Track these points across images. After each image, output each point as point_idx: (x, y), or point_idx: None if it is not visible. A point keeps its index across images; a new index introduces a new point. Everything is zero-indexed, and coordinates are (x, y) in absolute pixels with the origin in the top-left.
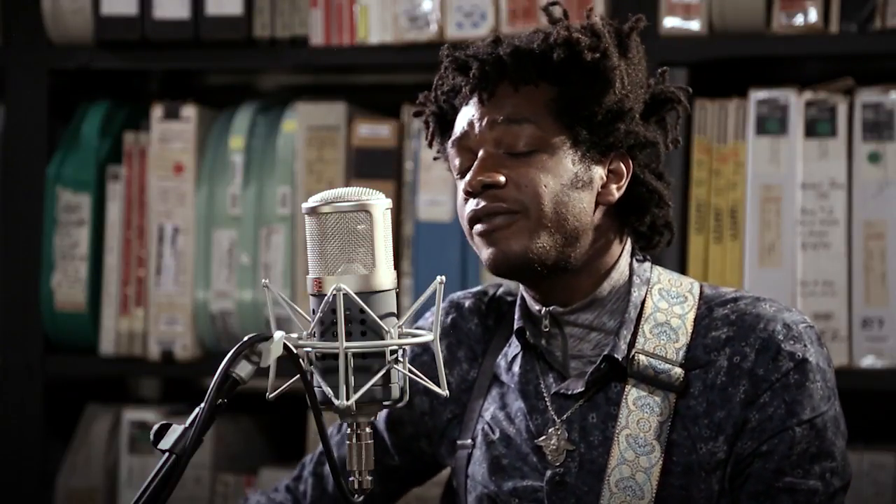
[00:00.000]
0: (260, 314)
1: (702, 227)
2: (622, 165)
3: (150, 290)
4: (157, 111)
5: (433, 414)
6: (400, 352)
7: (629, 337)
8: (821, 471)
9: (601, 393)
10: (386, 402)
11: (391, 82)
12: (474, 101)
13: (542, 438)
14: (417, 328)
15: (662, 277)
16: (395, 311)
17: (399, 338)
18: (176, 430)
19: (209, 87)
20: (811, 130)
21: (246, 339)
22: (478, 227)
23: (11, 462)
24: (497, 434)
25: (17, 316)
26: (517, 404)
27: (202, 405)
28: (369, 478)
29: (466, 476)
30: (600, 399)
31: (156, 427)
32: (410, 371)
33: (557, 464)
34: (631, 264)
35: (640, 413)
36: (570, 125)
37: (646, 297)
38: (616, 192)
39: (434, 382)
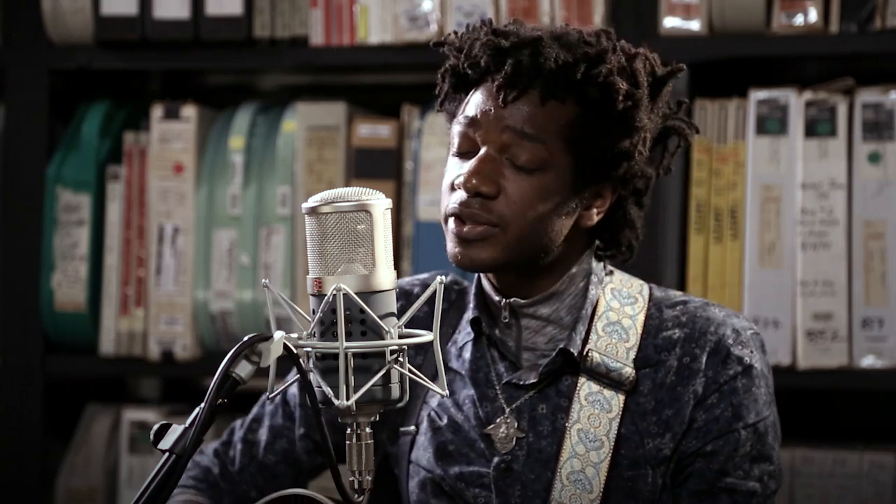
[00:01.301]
0: (260, 314)
1: (702, 227)
2: (608, 193)
3: (150, 290)
4: (157, 111)
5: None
6: (400, 352)
7: (584, 333)
8: (760, 473)
9: (552, 386)
10: (386, 402)
11: (391, 82)
12: (497, 93)
13: (491, 426)
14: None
15: (615, 277)
16: (395, 311)
17: (399, 338)
18: (176, 430)
19: (209, 87)
20: (811, 130)
21: (246, 339)
22: (453, 225)
23: (11, 462)
24: (444, 420)
25: (17, 316)
26: (466, 391)
27: (202, 405)
28: (369, 478)
29: (409, 462)
30: (551, 391)
31: (156, 427)
32: (410, 371)
33: (505, 451)
34: (591, 264)
35: (591, 409)
36: (578, 154)
37: (600, 295)
38: (595, 218)
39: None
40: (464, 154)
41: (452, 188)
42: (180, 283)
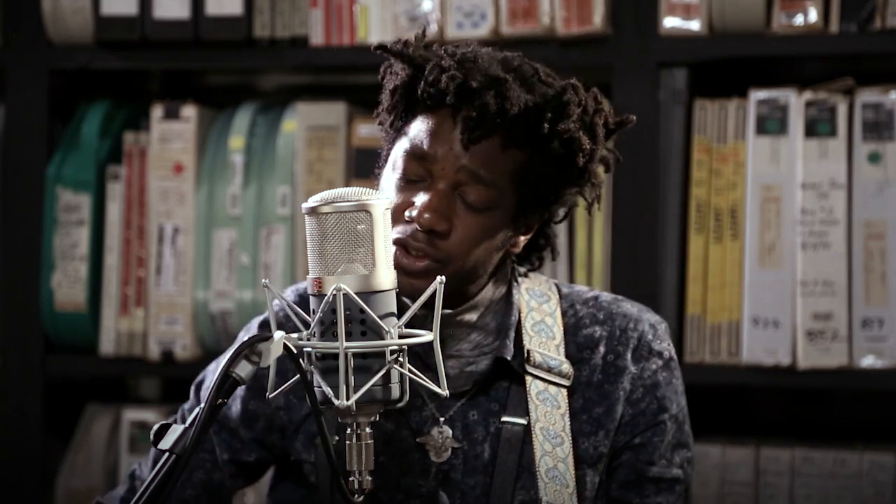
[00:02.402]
0: (260, 314)
1: (702, 227)
2: (536, 220)
3: (150, 290)
4: (157, 111)
5: (288, 409)
6: (400, 352)
7: (515, 338)
8: (681, 460)
9: (482, 392)
10: (386, 402)
11: None
12: (453, 125)
13: (424, 436)
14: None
15: (525, 275)
16: (395, 311)
17: (399, 338)
18: (176, 430)
19: (209, 87)
20: (811, 130)
21: (246, 339)
22: (398, 253)
23: (11, 462)
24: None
25: (17, 316)
26: None
27: (202, 405)
28: (369, 478)
29: (334, 472)
30: (481, 398)
31: (156, 427)
32: (410, 371)
33: (441, 460)
34: (511, 271)
35: (544, 406)
36: (525, 195)
37: (520, 297)
38: (521, 245)
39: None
40: (411, 182)
41: (400, 217)
42: (180, 283)
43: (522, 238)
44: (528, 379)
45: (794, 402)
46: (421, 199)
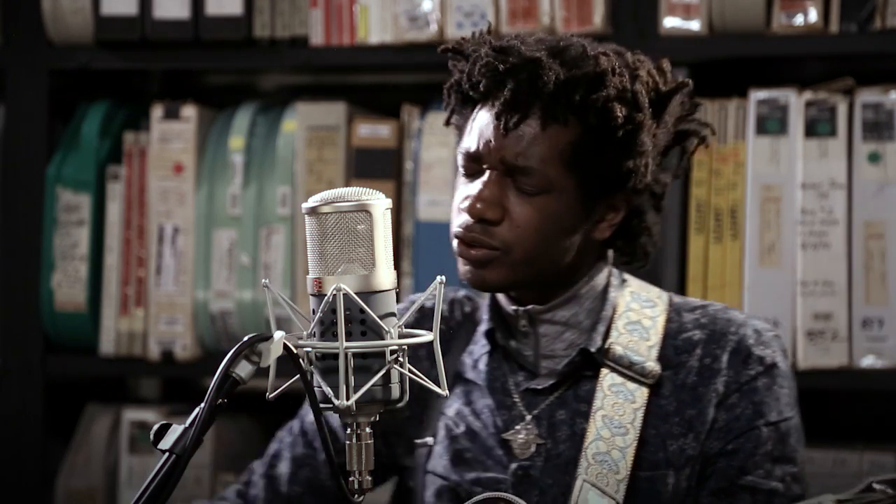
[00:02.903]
0: (260, 314)
1: (702, 227)
2: (622, 204)
3: (150, 290)
4: (157, 111)
5: (390, 413)
6: (400, 352)
7: (604, 332)
8: (782, 473)
9: (570, 390)
10: (386, 402)
11: (391, 82)
12: (497, 120)
13: (509, 433)
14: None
15: (633, 282)
16: (395, 311)
17: (399, 338)
18: (176, 430)
19: (209, 87)
20: (811, 130)
21: (246, 339)
22: (459, 248)
23: (11, 462)
24: (461, 428)
25: (17, 316)
26: (484, 401)
27: (202, 405)
28: (369, 478)
29: (425, 473)
30: (569, 396)
31: (156, 427)
32: (410, 371)
33: (524, 457)
34: (611, 269)
35: (614, 398)
36: (580, 175)
37: (620, 298)
38: (608, 231)
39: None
40: (470, 176)
41: (459, 211)
42: (180, 283)
43: (608, 223)
44: (604, 371)
45: None
46: (473, 189)
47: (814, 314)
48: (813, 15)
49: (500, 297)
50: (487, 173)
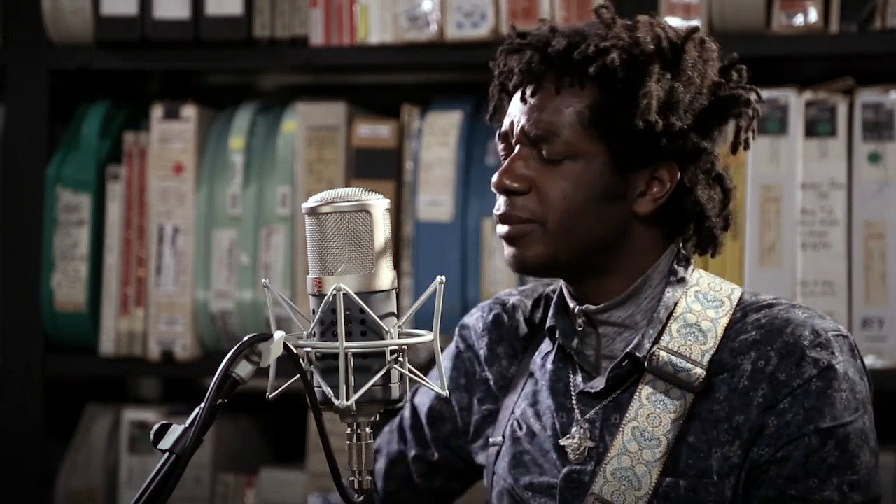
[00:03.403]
0: (260, 314)
1: None
2: (667, 174)
3: (150, 290)
4: (157, 111)
5: (470, 410)
6: (400, 352)
7: (654, 336)
8: (838, 482)
9: (626, 393)
10: (386, 402)
11: (391, 82)
12: (518, 95)
13: (566, 437)
14: (463, 326)
15: (702, 281)
16: (395, 311)
17: (399, 338)
18: (176, 430)
19: (209, 87)
20: (811, 130)
21: (246, 339)
22: (499, 229)
23: (11, 462)
24: (524, 430)
25: (17, 316)
26: (547, 402)
27: (202, 405)
28: (369, 478)
29: (493, 473)
30: (624, 399)
31: (156, 427)
32: (410, 371)
33: (576, 461)
34: (671, 265)
35: (651, 408)
36: (604, 137)
37: (680, 298)
38: (651, 204)
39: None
40: (504, 158)
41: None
42: (180, 283)
43: (651, 198)
44: (646, 377)
45: None
46: (499, 170)
47: None
48: (813, 15)
49: (566, 293)
50: (516, 149)
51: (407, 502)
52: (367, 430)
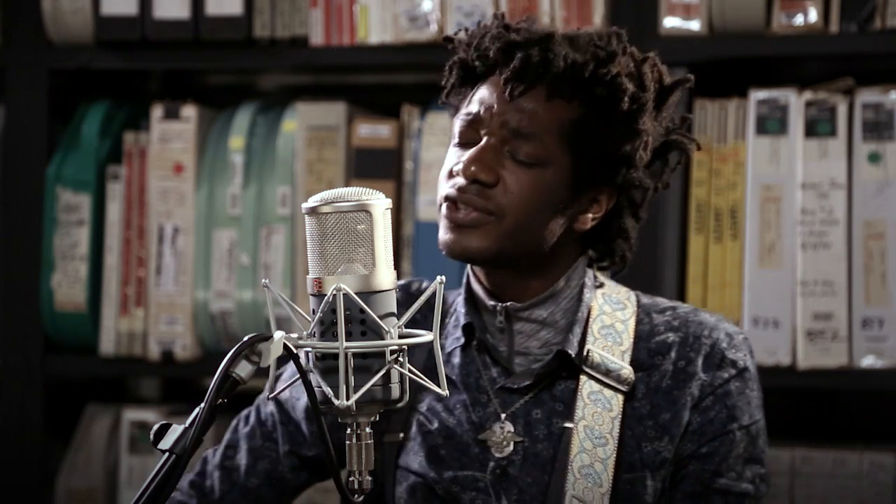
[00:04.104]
0: (260, 314)
1: (702, 227)
2: (605, 199)
3: (150, 290)
4: (157, 111)
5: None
6: (400, 352)
7: (580, 335)
8: (752, 475)
9: (546, 390)
10: (386, 402)
11: (391, 82)
12: (504, 85)
13: (486, 431)
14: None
15: (605, 284)
16: (395, 311)
17: (399, 338)
18: (176, 430)
19: (209, 87)
20: (811, 130)
21: (246, 339)
22: (447, 210)
23: (11, 462)
24: (435, 424)
25: (17, 316)
26: (457, 396)
27: (202, 405)
28: (369, 478)
29: (396, 468)
30: (545, 396)
31: (156, 427)
32: (410, 371)
33: (501, 455)
34: (586, 268)
35: (594, 407)
36: (578, 154)
37: (593, 300)
38: (590, 223)
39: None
40: (465, 144)
41: (451, 175)
42: (180, 283)
43: (591, 215)
44: (583, 378)
45: (794, 402)
46: (468, 153)
47: (814, 314)
48: (813, 15)
49: (477, 289)
50: (485, 139)
51: (267, 497)
52: (367, 430)
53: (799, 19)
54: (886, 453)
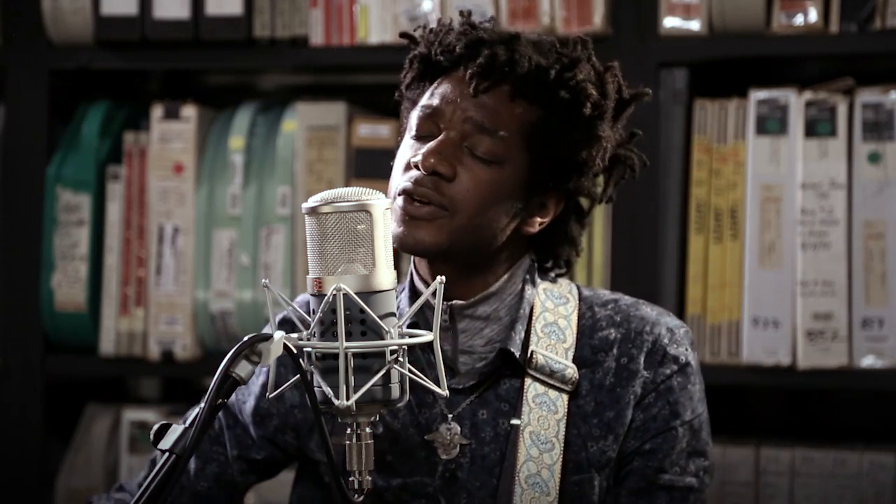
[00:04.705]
0: (260, 314)
1: (702, 227)
2: (553, 204)
3: (150, 290)
4: (157, 111)
5: (304, 407)
6: (400, 352)
7: (523, 333)
8: (696, 468)
9: (491, 390)
10: (386, 402)
11: (391, 82)
12: (464, 82)
13: (432, 433)
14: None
15: (544, 278)
16: (395, 311)
17: (399, 338)
18: (176, 430)
19: (209, 87)
20: (811, 130)
21: (246, 339)
22: (402, 203)
23: (11, 462)
24: (380, 429)
25: (17, 316)
26: None
27: (202, 405)
28: (369, 478)
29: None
30: (490, 396)
31: (156, 427)
32: (410, 371)
33: (448, 458)
34: (530, 265)
35: (539, 410)
36: (536, 155)
37: (535, 297)
38: (537, 227)
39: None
40: (422, 138)
41: (407, 167)
42: (180, 283)
43: (538, 219)
44: (528, 381)
45: (794, 402)
46: (427, 146)
47: (814, 314)
48: (813, 15)
49: (422, 288)
50: (444, 133)
51: (217, 499)
52: (367, 430)
53: (799, 19)
54: (886, 453)
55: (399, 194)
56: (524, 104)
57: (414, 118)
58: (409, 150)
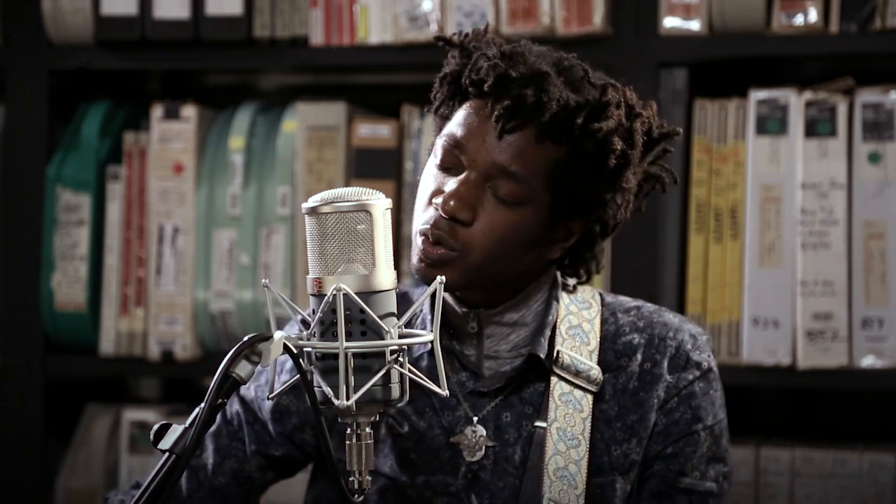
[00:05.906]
0: (260, 314)
1: (702, 227)
2: (578, 230)
3: (150, 290)
4: (157, 111)
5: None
6: (400, 352)
7: (549, 335)
8: (716, 474)
9: (515, 393)
10: (386, 402)
11: (391, 82)
12: (495, 122)
13: (458, 435)
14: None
15: (565, 288)
16: (395, 311)
17: (399, 338)
18: (176, 430)
19: (209, 87)
20: (811, 130)
21: (246, 339)
22: (420, 240)
23: (11, 462)
24: (406, 428)
25: (17, 316)
26: (426, 400)
27: (202, 405)
28: (369, 478)
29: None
30: (514, 399)
31: (156, 427)
32: (410, 371)
33: (473, 459)
34: (553, 271)
35: (565, 408)
36: (559, 194)
37: (561, 300)
38: (560, 251)
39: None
40: (446, 169)
41: (430, 202)
42: (180, 283)
43: (561, 244)
44: (553, 380)
45: (794, 402)
46: (450, 186)
47: (814, 314)
48: (813, 15)
49: (447, 296)
50: (466, 173)
51: (235, 496)
52: (367, 430)
53: (799, 19)
54: (886, 453)
55: (419, 234)
56: (550, 144)
57: (439, 146)
58: (432, 181)
